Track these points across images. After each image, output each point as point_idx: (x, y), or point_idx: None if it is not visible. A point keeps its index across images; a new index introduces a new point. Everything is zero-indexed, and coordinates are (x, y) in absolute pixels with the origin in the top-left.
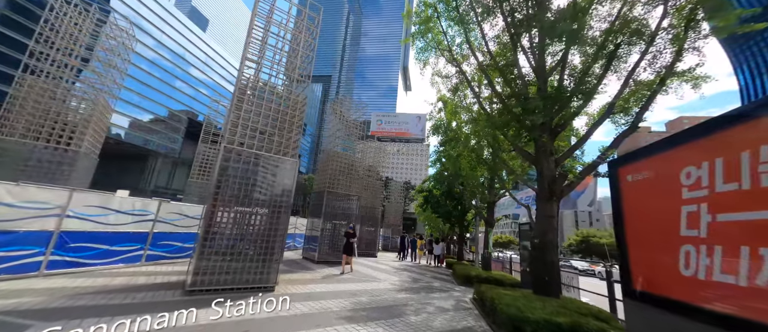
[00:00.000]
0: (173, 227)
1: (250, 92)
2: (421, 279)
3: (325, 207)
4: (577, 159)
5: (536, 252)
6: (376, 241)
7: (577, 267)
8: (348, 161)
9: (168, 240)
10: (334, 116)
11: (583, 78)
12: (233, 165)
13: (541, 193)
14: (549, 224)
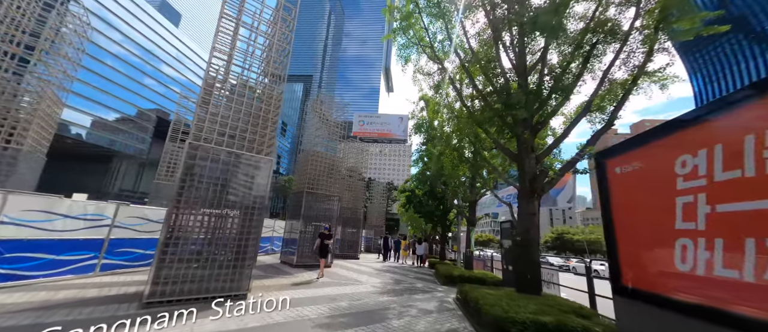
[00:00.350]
0: (134, 232)
1: (219, 85)
2: (404, 280)
3: (305, 209)
4: (555, 157)
5: (519, 249)
6: (359, 242)
7: (553, 263)
8: (328, 161)
9: (128, 247)
10: (314, 114)
11: (561, 76)
12: (200, 163)
13: (523, 190)
14: (531, 221)
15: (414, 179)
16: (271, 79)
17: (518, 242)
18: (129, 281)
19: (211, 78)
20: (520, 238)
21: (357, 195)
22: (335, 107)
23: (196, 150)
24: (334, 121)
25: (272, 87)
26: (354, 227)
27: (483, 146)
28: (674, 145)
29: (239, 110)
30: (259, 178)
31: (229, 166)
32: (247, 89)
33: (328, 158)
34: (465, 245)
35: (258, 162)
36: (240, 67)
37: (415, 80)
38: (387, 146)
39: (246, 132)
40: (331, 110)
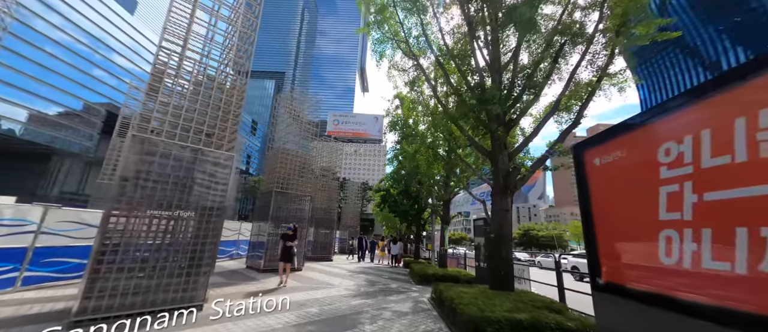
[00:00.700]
0: (69, 239)
1: (172, 72)
2: (378, 281)
3: (273, 210)
4: (525, 155)
5: (492, 246)
6: (332, 244)
7: (520, 258)
8: (300, 160)
9: (59, 257)
10: (285, 111)
11: (533, 74)
12: (147, 159)
13: (497, 187)
14: (504, 218)
15: (389, 179)
16: (235, 66)
17: (492, 239)
18: (58, 296)
19: (162, 63)
20: (493, 235)
21: (331, 195)
22: (308, 104)
23: (142, 144)
24: (306, 118)
25: (235, 76)
26: (328, 228)
27: (457, 144)
28: (657, 132)
29: (196, 100)
30: (218, 176)
31: (182, 162)
32: (206, 77)
33: (300, 156)
34: (439, 244)
35: (217, 159)
36: (197, 53)
37: (390, 76)
38: (362, 146)
39: (203, 125)
40: (304, 106)
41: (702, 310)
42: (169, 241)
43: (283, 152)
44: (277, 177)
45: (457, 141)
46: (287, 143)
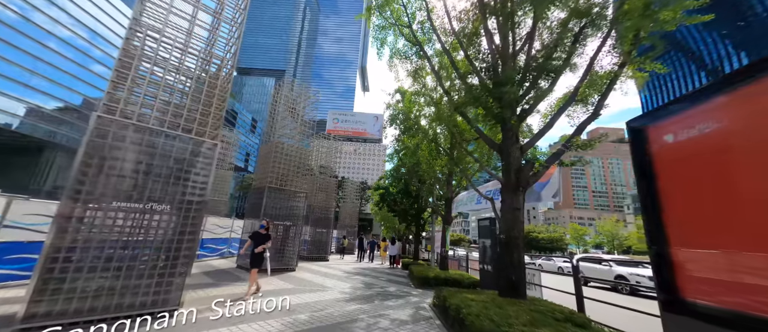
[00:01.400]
0: (39, 235)
1: (152, 43)
2: (375, 283)
3: (266, 206)
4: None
5: (502, 249)
6: (328, 243)
7: None
8: (296, 154)
9: (24, 253)
10: (280, 102)
11: (550, 55)
12: (115, 144)
13: (507, 184)
14: (515, 217)
15: (388, 176)
16: (224, 43)
17: (502, 240)
18: (17, 297)
19: (135, 33)
20: (503, 236)
21: (328, 194)
22: (306, 99)
23: (109, 127)
24: (303, 113)
25: (220, 55)
26: (324, 228)
27: (462, 137)
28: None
29: (175, 79)
30: (199, 166)
31: (157, 149)
32: (188, 53)
33: (296, 150)
34: (440, 245)
35: (198, 146)
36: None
37: (391, 66)
38: (362, 146)
39: (183, 108)
40: (303, 101)
41: None
42: (140, 238)
43: (278, 145)
44: (269, 172)
45: (462, 135)
46: (283, 137)
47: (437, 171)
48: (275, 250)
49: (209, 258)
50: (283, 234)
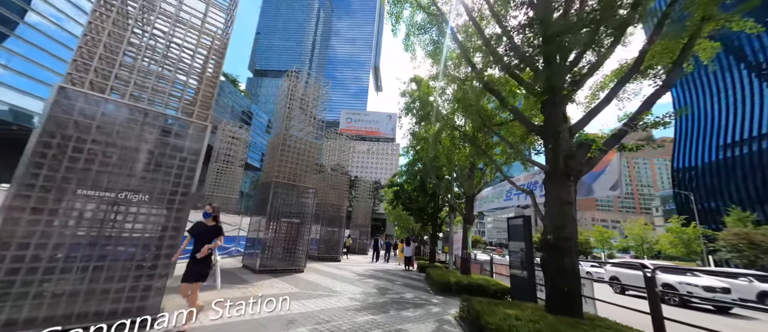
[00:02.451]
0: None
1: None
2: (390, 288)
3: (272, 202)
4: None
5: (549, 253)
6: (340, 243)
7: None
8: (304, 148)
9: None
10: (288, 92)
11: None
12: (83, 121)
13: (555, 172)
14: (565, 213)
15: (403, 173)
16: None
17: (548, 242)
18: None
19: None
20: (550, 236)
21: (341, 192)
22: (318, 93)
23: (75, 100)
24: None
25: (212, 18)
26: (336, 227)
27: (491, 122)
28: None
29: (156, 47)
30: (185, 150)
31: (134, 128)
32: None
33: (305, 144)
34: (461, 246)
35: (185, 127)
36: None
37: (407, 45)
38: (375, 145)
39: (168, 83)
40: (314, 95)
41: None
42: (110, 234)
43: (286, 138)
44: (277, 166)
45: (490, 119)
46: (292, 130)
47: (458, 165)
48: (283, 249)
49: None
50: (292, 232)
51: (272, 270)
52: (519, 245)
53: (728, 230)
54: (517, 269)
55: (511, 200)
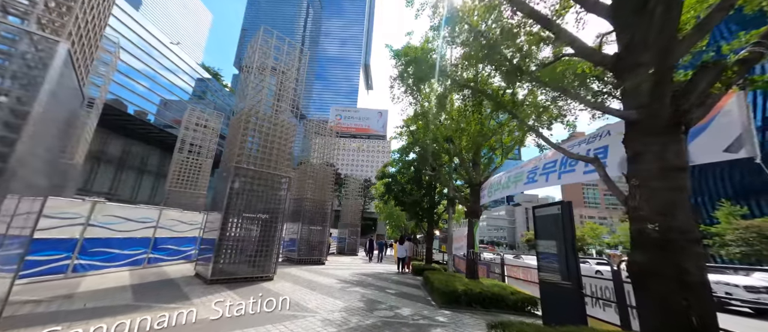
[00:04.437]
0: None
1: None
2: (381, 300)
3: (232, 193)
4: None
5: (653, 255)
6: (325, 243)
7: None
8: (275, 128)
9: None
10: (254, 58)
11: None
12: None
13: (653, 120)
14: (676, 188)
15: (396, 163)
16: None
17: (651, 236)
18: None
19: None
20: (655, 226)
21: (324, 186)
22: (297, 63)
23: None
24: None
25: None
26: (320, 225)
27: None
28: None
29: None
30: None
31: None
32: None
33: (277, 124)
34: (465, 245)
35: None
36: None
37: None
38: (365, 142)
39: None
40: (295, 65)
41: None
42: None
43: (252, 115)
44: (238, 147)
45: (526, 61)
46: (260, 105)
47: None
48: (246, 252)
49: (168, 262)
50: (259, 231)
51: (230, 279)
52: (553, 243)
53: (738, 223)
54: (553, 275)
55: (534, 182)
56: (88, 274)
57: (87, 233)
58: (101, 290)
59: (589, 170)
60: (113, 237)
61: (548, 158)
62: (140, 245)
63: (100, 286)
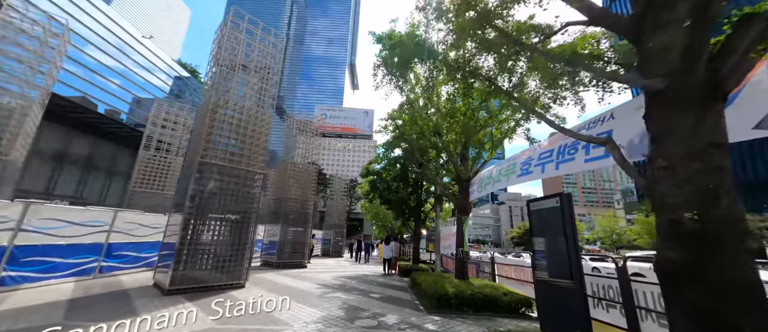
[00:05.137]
0: None
1: None
2: (365, 306)
3: (195, 191)
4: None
5: (688, 251)
6: (307, 245)
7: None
8: (248, 118)
9: None
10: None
11: None
12: None
13: (682, 89)
14: (715, 169)
15: (381, 160)
16: None
17: (687, 226)
18: None
19: None
20: (693, 216)
21: (306, 185)
22: (269, 49)
23: None
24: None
25: None
26: (301, 226)
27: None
28: None
29: None
30: None
31: None
32: None
33: (249, 114)
34: (453, 243)
35: None
36: None
37: None
38: (351, 142)
39: None
40: (267, 51)
41: None
42: None
43: (220, 105)
44: (204, 140)
45: (523, 34)
46: (229, 95)
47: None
48: (212, 259)
49: (126, 270)
50: (228, 234)
51: (193, 289)
52: (551, 239)
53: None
54: (549, 274)
55: (529, 173)
56: (20, 288)
57: (18, 239)
58: (30, 307)
59: (591, 158)
60: (53, 244)
61: (544, 148)
62: (89, 252)
63: (31, 302)
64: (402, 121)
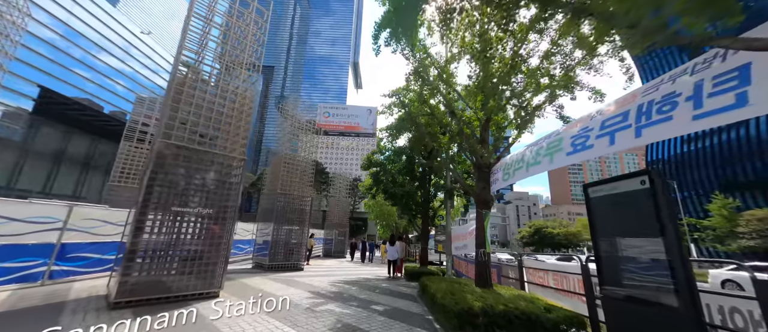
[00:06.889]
0: None
1: None
2: (363, 327)
3: (163, 182)
4: None
5: None
6: (304, 245)
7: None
8: (226, 93)
9: None
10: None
11: None
12: None
13: None
14: None
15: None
16: None
17: None
18: None
19: None
20: None
21: (302, 180)
22: (253, 17)
23: None
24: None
25: None
26: (297, 225)
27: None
28: None
29: None
30: None
31: None
32: None
33: (228, 89)
34: (472, 242)
35: None
36: None
37: None
38: (355, 140)
39: None
40: (251, 19)
41: None
42: None
43: (193, 81)
44: (168, 118)
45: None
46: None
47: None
48: (181, 262)
49: (85, 275)
50: (198, 232)
51: (149, 301)
52: (636, 238)
53: (752, 214)
54: (643, 291)
55: (587, 148)
56: None
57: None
58: None
59: (705, 113)
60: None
61: (609, 113)
62: (35, 254)
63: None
64: (408, 99)
